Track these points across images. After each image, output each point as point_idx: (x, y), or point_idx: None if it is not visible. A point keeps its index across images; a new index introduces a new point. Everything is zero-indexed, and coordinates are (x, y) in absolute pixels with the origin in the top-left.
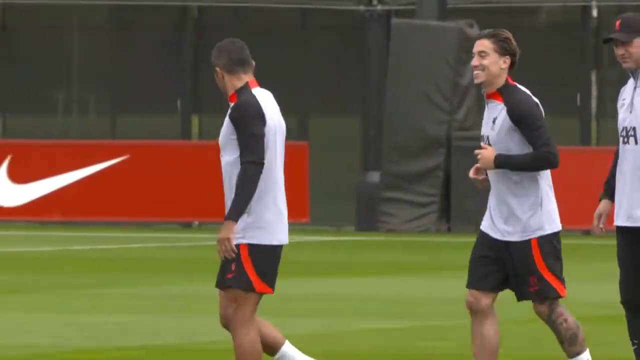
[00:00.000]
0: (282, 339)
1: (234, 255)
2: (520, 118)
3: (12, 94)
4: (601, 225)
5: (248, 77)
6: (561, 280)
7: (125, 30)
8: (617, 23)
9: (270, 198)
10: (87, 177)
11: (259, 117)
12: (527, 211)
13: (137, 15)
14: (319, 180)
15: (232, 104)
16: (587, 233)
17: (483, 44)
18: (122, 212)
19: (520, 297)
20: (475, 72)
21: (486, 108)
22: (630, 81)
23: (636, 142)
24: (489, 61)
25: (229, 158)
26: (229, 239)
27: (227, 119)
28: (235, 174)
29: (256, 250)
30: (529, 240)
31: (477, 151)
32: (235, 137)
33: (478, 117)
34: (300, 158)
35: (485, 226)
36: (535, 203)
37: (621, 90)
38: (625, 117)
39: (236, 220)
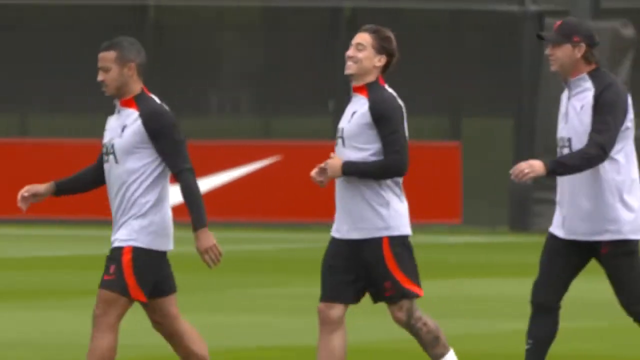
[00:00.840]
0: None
1: (220, 260)
2: (380, 117)
3: (166, 94)
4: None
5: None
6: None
7: (278, 31)
8: (556, 25)
9: (166, 204)
10: (239, 177)
11: (177, 124)
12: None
13: (289, 16)
14: (471, 181)
15: (142, 112)
16: None
17: (362, 37)
18: (274, 213)
19: (376, 300)
20: (348, 62)
21: (350, 101)
22: (566, 91)
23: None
24: (364, 55)
25: (132, 166)
26: (215, 245)
27: (138, 127)
28: (134, 182)
29: (141, 255)
30: (379, 238)
31: (324, 164)
32: (146, 145)
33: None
34: (453, 158)
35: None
36: (383, 202)
37: (561, 98)
38: (562, 128)
39: (207, 225)
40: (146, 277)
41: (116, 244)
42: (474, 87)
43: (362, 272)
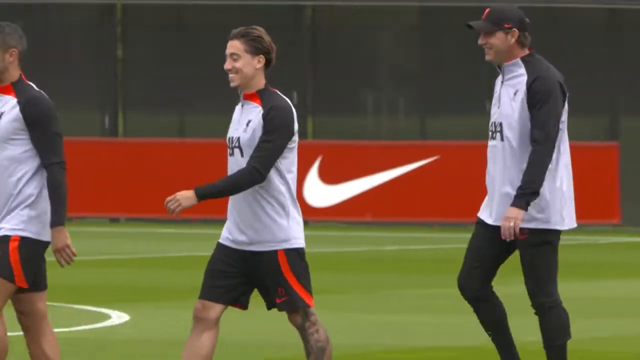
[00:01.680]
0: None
1: (73, 260)
2: (266, 121)
3: (321, 94)
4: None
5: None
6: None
7: (434, 31)
8: (485, 12)
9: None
10: (397, 177)
11: (57, 116)
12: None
13: (445, 16)
14: (629, 181)
15: (18, 98)
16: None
17: (234, 46)
18: (432, 213)
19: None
20: (230, 75)
21: (240, 109)
22: (500, 76)
23: (502, 139)
24: (241, 63)
25: (12, 153)
26: (68, 245)
27: (17, 113)
28: (16, 170)
29: (28, 244)
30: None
31: (170, 198)
32: (24, 131)
33: None
34: (610, 159)
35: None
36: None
37: (495, 83)
38: (493, 113)
39: (64, 224)
40: (29, 266)
41: (2, 233)
42: (632, 86)
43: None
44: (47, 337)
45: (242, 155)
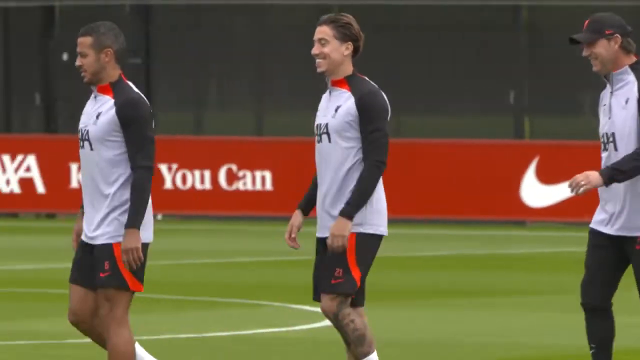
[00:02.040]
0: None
1: (139, 263)
2: (364, 109)
3: (538, 94)
4: None
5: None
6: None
7: None
8: (585, 23)
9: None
10: None
11: (152, 119)
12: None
13: None
14: None
15: (115, 99)
16: None
17: (323, 31)
18: None
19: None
20: (317, 60)
21: (328, 96)
22: (608, 86)
23: (615, 149)
24: (329, 48)
25: (108, 155)
26: (137, 249)
27: (113, 114)
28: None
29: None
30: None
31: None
32: (119, 133)
33: None
34: None
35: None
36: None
37: (601, 95)
38: (604, 124)
39: (139, 228)
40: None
41: (102, 241)
42: None
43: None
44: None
45: (329, 141)
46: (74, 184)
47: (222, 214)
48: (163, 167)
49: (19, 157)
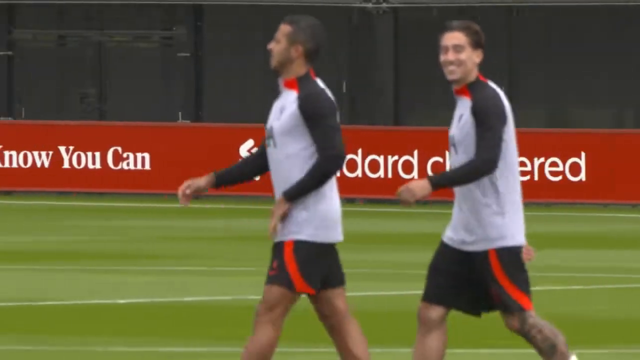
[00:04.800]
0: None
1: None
2: (480, 115)
3: None
4: None
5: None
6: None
7: None
8: None
9: (331, 193)
10: None
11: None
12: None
13: None
14: None
15: (299, 93)
16: None
17: (457, 37)
18: None
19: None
20: (451, 67)
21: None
22: None
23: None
24: (465, 55)
25: (289, 149)
26: (277, 217)
27: (295, 108)
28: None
29: (304, 247)
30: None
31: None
32: (302, 128)
33: None
34: None
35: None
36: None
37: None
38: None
39: (290, 201)
40: (310, 269)
41: (279, 238)
42: None
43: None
44: (353, 336)
45: (456, 152)
46: None
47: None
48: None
49: None
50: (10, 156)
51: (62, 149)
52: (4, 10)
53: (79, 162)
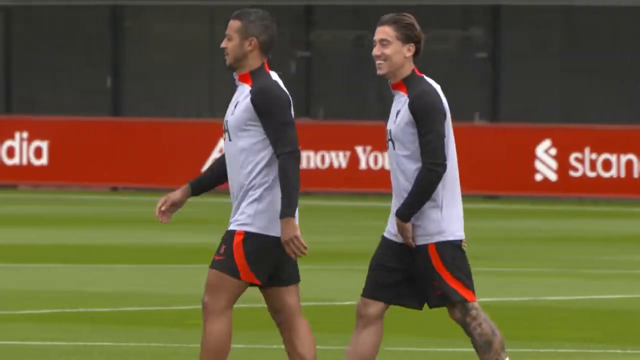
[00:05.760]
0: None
1: (304, 252)
2: (419, 114)
3: None
4: None
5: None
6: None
7: None
8: None
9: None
10: None
11: (289, 105)
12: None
13: None
14: None
15: (251, 87)
16: None
17: (384, 31)
18: None
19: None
20: (377, 62)
21: (394, 100)
22: None
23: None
24: (391, 50)
25: (243, 144)
26: (297, 237)
27: (248, 102)
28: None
29: (254, 239)
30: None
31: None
32: (256, 123)
33: None
34: None
35: None
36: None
37: None
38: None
39: (294, 216)
40: (258, 261)
41: (231, 227)
42: None
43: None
44: (299, 334)
45: (393, 147)
46: None
47: None
48: None
49: None
50: (308, 157)
51: (359, 149)
52: (303, 11)
53: (375, 163)
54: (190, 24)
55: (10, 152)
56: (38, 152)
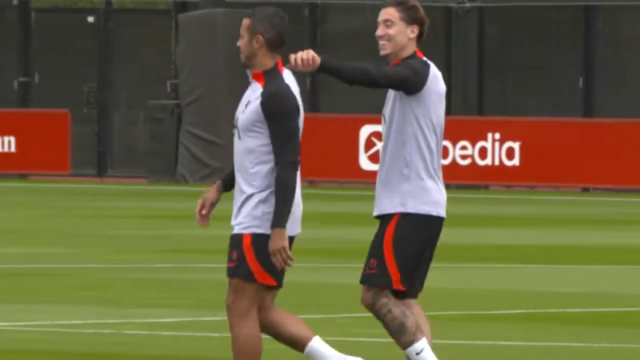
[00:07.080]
0: (311, 334)
1: (290, 264)
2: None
3: None
4: None
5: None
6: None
7: None
8: None
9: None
10: None
11: (297, 112)
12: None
13: None
14: None
15: (263, 89)
16: None
17: (388, 12)
18: None
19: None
20: (381, 42)
21: None
22: None
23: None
24: (395, 30)
25: (250, 145)
26: (284, 248)
27: (257, 105)
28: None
29: (262, 240)
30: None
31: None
32: (264, 125)
33: None
34: None
35: None
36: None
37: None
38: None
39: (285, 227)
40: (270, 262)
41: (236, 230)
42: None
43: None
44: (283, 321)
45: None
46: None
47: None
48: None
49: None
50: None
51: None
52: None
53: None
54: None
55: (483, 153)
56: (510, 153)
